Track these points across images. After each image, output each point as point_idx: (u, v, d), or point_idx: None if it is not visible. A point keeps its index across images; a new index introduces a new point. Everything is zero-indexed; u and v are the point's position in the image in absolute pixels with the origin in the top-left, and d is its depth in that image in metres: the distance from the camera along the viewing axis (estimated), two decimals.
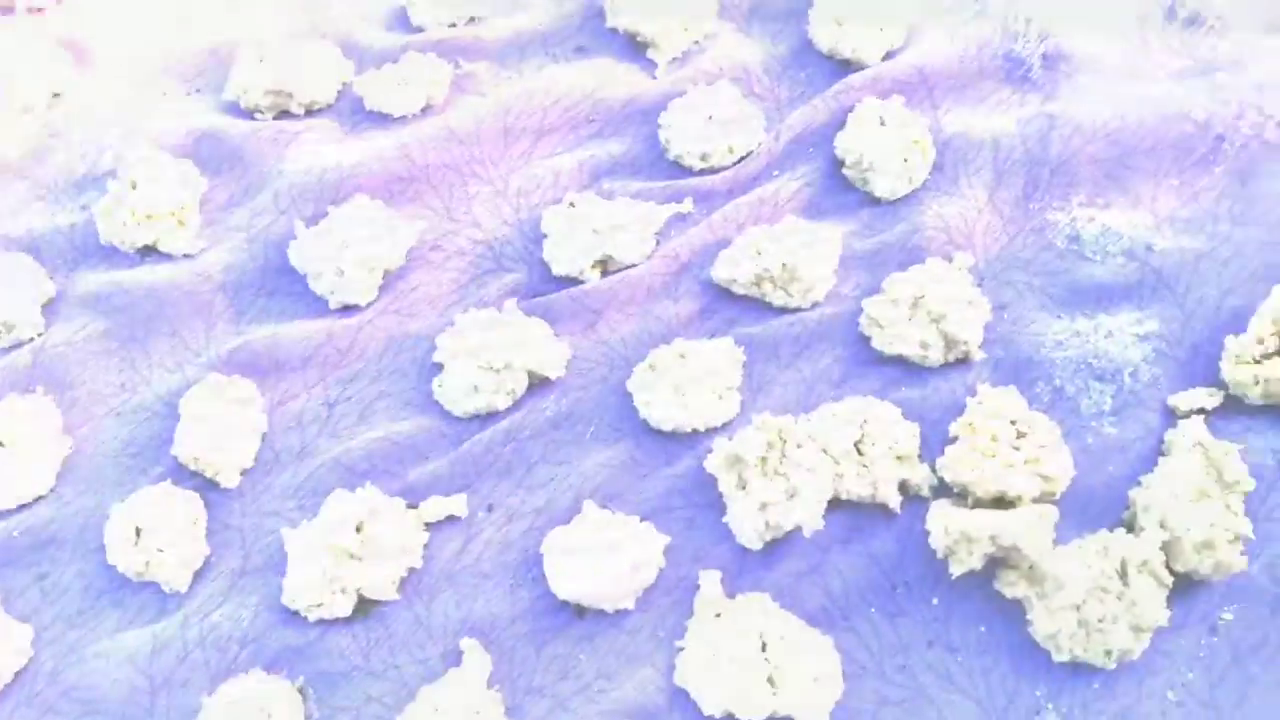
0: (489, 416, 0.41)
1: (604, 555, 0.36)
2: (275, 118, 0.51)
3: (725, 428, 0.39)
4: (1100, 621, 0.32)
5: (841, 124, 0.45)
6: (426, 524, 0.39)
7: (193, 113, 0.51)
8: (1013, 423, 0.35)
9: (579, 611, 0.36)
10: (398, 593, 0.38)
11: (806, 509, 0.36)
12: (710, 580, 0.36)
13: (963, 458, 0.34)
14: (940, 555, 0.33)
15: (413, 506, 0.39)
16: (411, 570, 0.39)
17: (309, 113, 0.51)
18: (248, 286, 0.46)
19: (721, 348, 0.40)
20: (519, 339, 0.40)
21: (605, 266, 0.43)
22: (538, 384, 0.41)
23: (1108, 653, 0.32)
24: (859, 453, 0.37)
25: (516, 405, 0.41)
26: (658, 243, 0.43)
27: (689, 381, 0.39)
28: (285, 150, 0.49)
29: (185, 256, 0.48)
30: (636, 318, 0.41)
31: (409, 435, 0.41)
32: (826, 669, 0.34)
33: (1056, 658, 0.33)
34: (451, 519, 0.39)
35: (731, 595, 0.36)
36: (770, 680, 0.34)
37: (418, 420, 0.41)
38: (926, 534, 0.34)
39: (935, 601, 0.35)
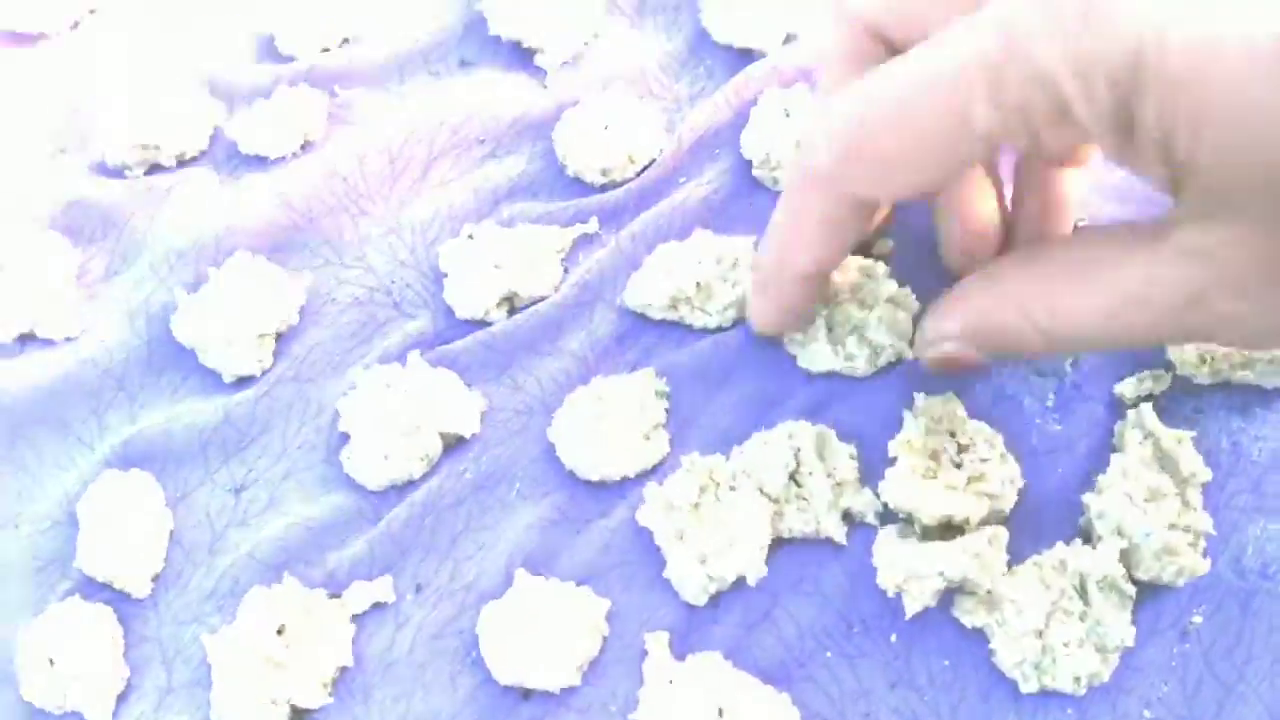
0: (405, 486, 0.38)
1: (542, 630, 0.34)
2: (146, 173, 0.48)
3: (657, 469, 0.37)
4: (1065, 646, 0.31)
5: (746, 120, 0.42)
6: (353, 615, 0.37)
7: (59, 178, 0.48)
8: (952, 435, 0.33)
9: (525, 694, 0.34)
10: (330, 696, 0.36)
11: (748, 556, 0.34)
12: (658, 644, 0.34)
13: (903, 482, 0.33)
14: (891, 594, 0.31)
15: (335, 596, 0.37)
16: (342, 669, 0.36)
17: (181, 163, 0.48)
18: (135, 366, 0.43)
19: (642, 381, 0.38)
20: (428, 397, 0.38)
21: (512, 303, 0.40)
22: (453, 444, 0.38)
23: (1076, 679, 0.31)
24: (796, 484, 0.35)
25: (433, 469, 0.38)
26: (565, 270, 0.41)
27: (612, 425, 0.36)
28: (158, 210, 0.45)
29: (67, 340, 0.44)
30: (550, 357, 0.39)
31: (323, 517, 0.38)
32: None
33: (1024, 688, 0.31)
34: (378, 606, 0.36)
35: (682, 656, 0.34)
36: None
37: (331, 499, 0.39)
38: (872, 567, 0.33)
39: (894, 639, 0.33)
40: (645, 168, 0.43)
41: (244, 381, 0.42)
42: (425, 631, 0.36)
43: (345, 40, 0.50)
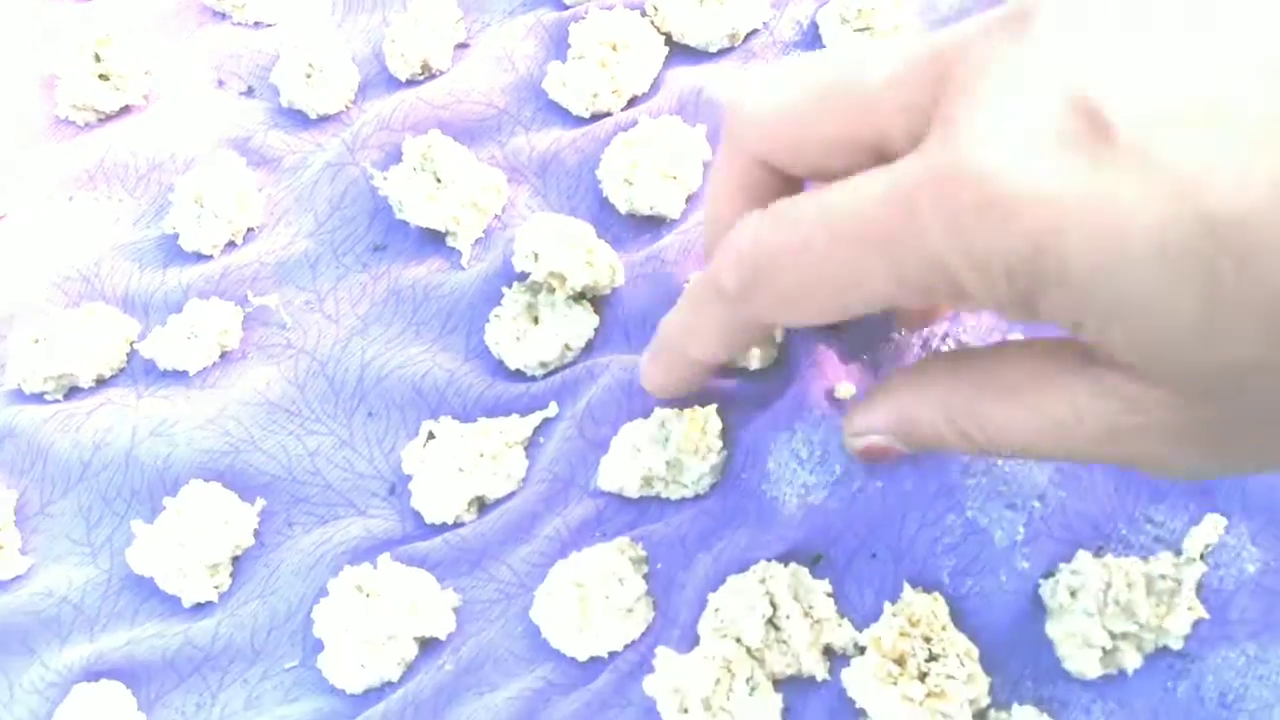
0: (384, 686, 0.40)
1: None
2: (65, 396, 0.48)
3: (644, 637, 0.39)
4: None
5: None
6: None
7: None
8: (927, 640, 0.34)
9: None
10: None
11: None
12: None
13: (864, 680, 0.34)
14: None
15: None
16: None
17: (101, 383, 0.49)
18: (91, 594, 0.44)
19: (618, 552, 0.39)
20: (401, 601, 0.39)
21: (482, 502, 0.42)
22: (429, 643, 0.40)
23: None
24: (775, 627, 0.37)
25: (411, 669, 0.40)
26: (529, 459, 0.42)
27: (595, 604, 0.38)
28: (95, 440, 0.46)
29: (15, 579, 0.45)
30: (525, 544, 0.40)
31: (303, 717, 0.40)
32: None
33: None
34: None
35: None
36: None
37: (311, 701, 0.40)
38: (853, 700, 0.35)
39: None
40: (583, 349, 0.44)
41: (204, 606, 0.43)
42: None
43: (250, 230, 0.51)
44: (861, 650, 0.36)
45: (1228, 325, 0.21)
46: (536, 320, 0.44)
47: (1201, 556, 0.36)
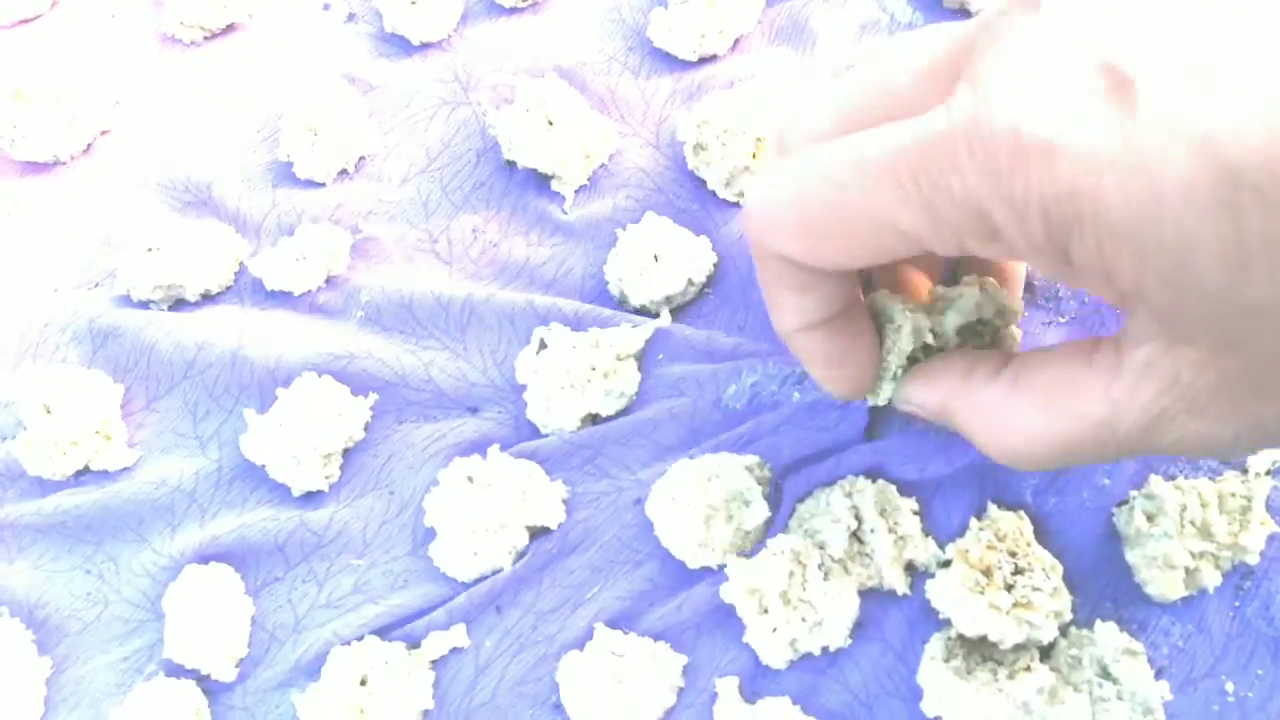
0: (495, 573, 0.42)
1: (622, 682, 0.38)
2: (171, 308, 0.51)
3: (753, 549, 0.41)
4: None
5: None
6: (431, 662, 0.41)
7: (89, 312, 0.51)
8: (1012, 555, 0.36)
9: None
10: None
11: (834, 633, 0.38)
12: (728, 689, 0.38)
13: (950, 590, 0.36)
14: (929, 715, 0.36)
15: (414, 647, 0.41)
16: (425, 712, 0.40)
17: (206, 299, 0.51)
18: (204, 482, 0.46)
19: (749, 469, 0.41)
20: (512, 491, 0.42)
21: (595, 419, 0.44)
22: (539, 533, 0.42)
23: None
24: (859, 540, 0.39)
25: (520, 555, 0.42)
26: (641, 368, 0.44)
27: (719, 522, 0.40)
28: (200, 340, 0.48)
29: (124, 470, 0.47)
30: (641, 445, 0.43)
31: (414, 604, 0.42)
32: None
33: None
34: (457, 652, 0.41)
35: (752, 701, 0.38)
36: None
37: (420, 588, 0.43)
38: (935, 611, 0.37)
39: None
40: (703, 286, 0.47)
41: (314, 496, 0.46)
42: (507, 678, 0.41)
43: (361, 159, 0.53)
44: (946, 565, 0.38)
45: (1257, 265, 0.22)
46: (656, 258, 0.46)
47: (1268, 472, 0.39)
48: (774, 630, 0.38)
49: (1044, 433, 0.29)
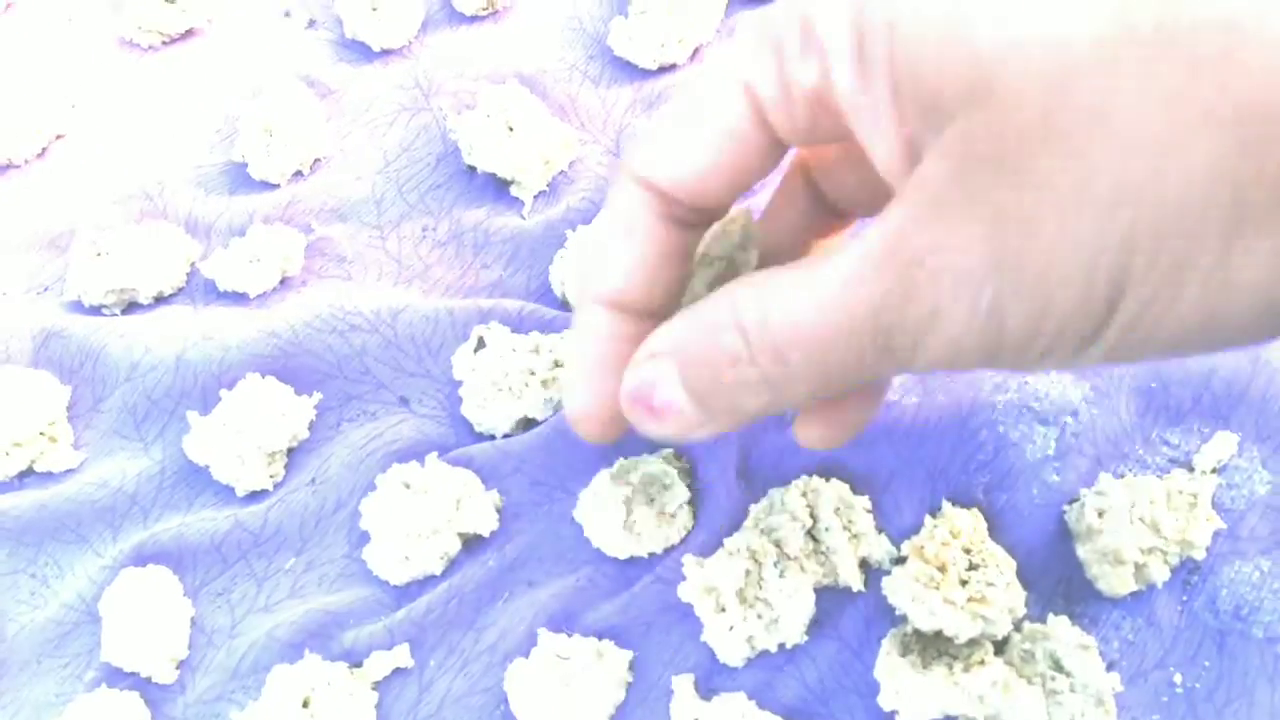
0: (427, 580, 0.42)
1: (569, 684, 0.38)
2: (124, 311, 0.50)
3: (685, 541, 0.41)
4: None
5: None
6: (375, 683, 0.40)
7: (37, 316, 0.50)
8: (967, 552, 0.36)
9: None
10: None
11: (790, 631, 0.38)
12: (684, 686, 0.38)
13: (905, 586, 0.36)
14: (885, 710, 0.36)
15: (356, 666, 0.40)
16: None
17: (159, 300, 0.50)
18: (146, 484, 0.45)
19: (662, 461, 0.41)
20: (446, 499, 0.41)
21: (530, 423, 0.44)
22: (472, 541, 0.42)
23: None
24: (814, 539, 0.39)
25: (455, 564, 0.42)
26: None
27: (639, 507, 0.40)
28: (146, 343, 0.48)
29: (68, 472, 0.46)
30: (571, 452, 0.43)
31: (345, 605, 0.41)
32: None
33: None
34: (400, 672, 0.40)
35: (708, 698, 0.38)
36: None
37: (354, 590, 0.42)
38: (890, 607, 0.37)
39: None
40: None
41: (257, 495, 0.45)
42: (452, 693, 0.40)
43: (317, 160, 0.53)
44: (900, 562, 0.39)
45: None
46: None
47: (1214, 470, 0.39)
48: (731, 628, 0.38)
49: (806, 308, 0.25)
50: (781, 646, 0.38)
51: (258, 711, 0.39)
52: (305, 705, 0.39)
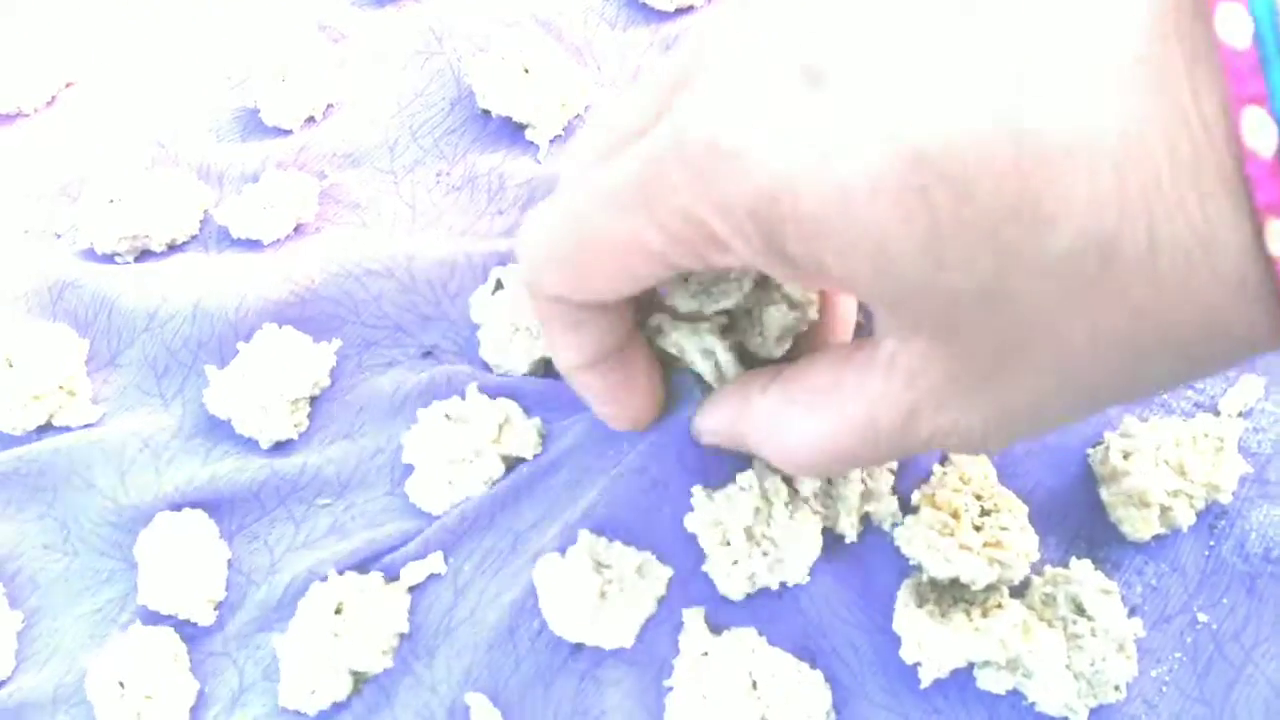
0: (466, 502, 0.42)
1: (605, 589, 0.38)
2: (136, 259, 0.50)
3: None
4: (1093, 666, 0.35)
5: None
6: (409, 588, 0.40)
7: (49, 265, 0.50)
8: (979, 497, 0.36)
9: (576, 646, 0.38)
10: (390, 661, 0.39)
11: (794, 571, 0.38)
12: (695, 619, 0.38)
13: (918, 534, 0.36)
14: (908, 662, 0.36)
15: (393, 579, 0.41)
16: (401, 636, 0.40)
17: (172, 248, 0.50)
18: (167, 437, 0.45)
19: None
20: (488, 424, 0.41)
21: (550, 365, 0.44)
22: (515, 464, 0.42)
23: (1117, 688, 0.35)
24: (827, 482, 0.39)
25: (494, 485, 0.42)
26: None
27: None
28: (162, 292, 0.47)
29: (86, 427, 0.46)
30: None
31: (387, 536, 0.41)
32: (817, 703, 0.36)
33: (1074, 719, 0.35)
34: (435, 578, 0.40)
35: (718, 631, 0.38)
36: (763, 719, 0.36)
37: (396, 524, 0.42)
38: (896, 551, 0.37)
39: None
40: None
41: (283, 445, 0.45)
42: (486, 594, 0.40)
43: (330, 106, 0.53)
44: (914, 511, 0.38)
45: (951, 251, 0.23)
46: None
47: (1240, 414, 0.39)
48: (734, 563, 0.38)
49: (816, 436, 0.30)
50: (783, 585, 0.38)
51: (294, 626, 0.40)
52: (338, 611, 0.39)
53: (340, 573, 0.41)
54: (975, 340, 0.25)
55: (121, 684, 0.40)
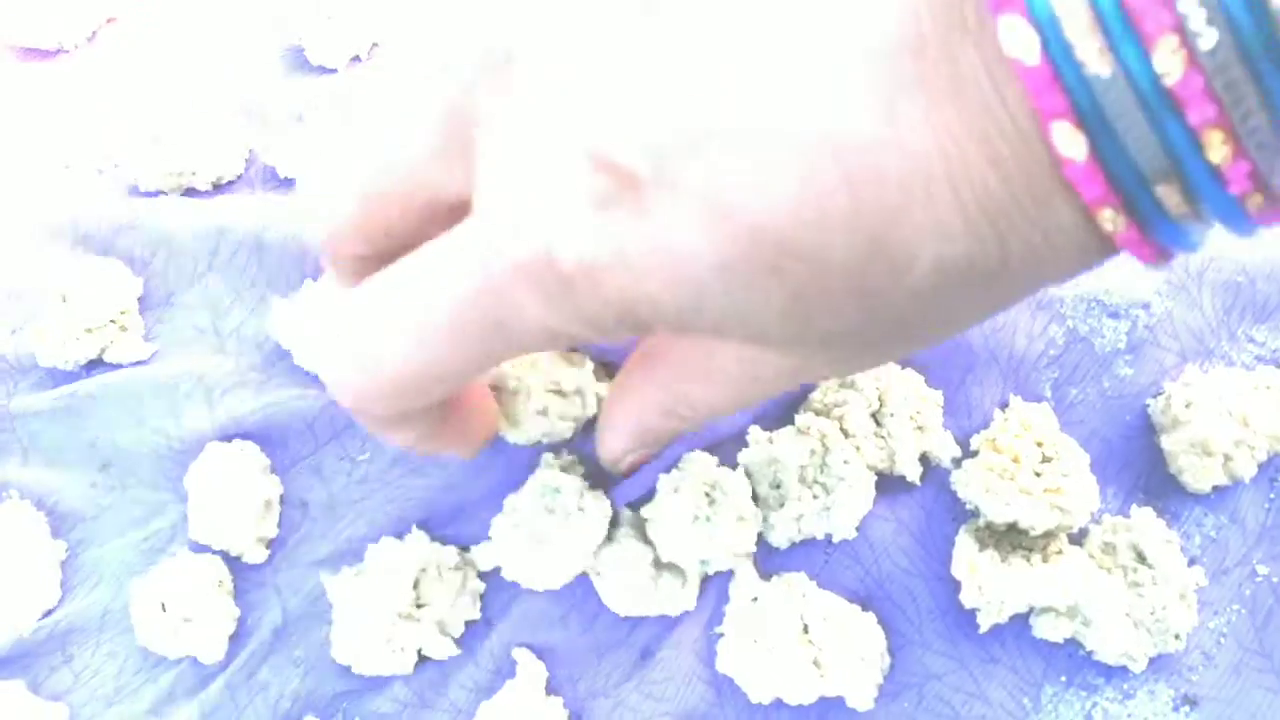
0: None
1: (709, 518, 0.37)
2: (183, 195, 0.49)
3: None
4: (1154, 615, 0.35)
5: None
6: (481, 573, 0.40)
7: (100, 201, 0.49)
8: (1039, 445, 0.36)
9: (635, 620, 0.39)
10: (458, 649, 0.40)
11: (842, 522, 0.38)
12: (744, 565, 0.38)
13: (977, 477, 0.36)
14: (968, 606, 0.35)
15: (465, 550, 0.41)
16: (469, 623, 0.40)
17: (217, 188, 0.49)
18: (225, 373, 0.45)
19: None
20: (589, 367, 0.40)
21: None
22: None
23: (1177, 636, 0.34)
24: (877, 423, 0.39)
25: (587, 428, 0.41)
26: None
27: None
28: (220, 228, 0.47)
29: (136, 364, 0.46)
30: None
31: (460, 481, 0.41)
32: (871, 646, 0.36)
33: (1135, 669, 0.36)
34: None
35: (767, 577, 0.38)
36: (816, 663, 0.36)
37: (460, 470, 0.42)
38: (953, 495, 0.37)
39: None
40: None
41: None
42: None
43: (374, 45, 0.52)
44: (968, 457, 0.38)
45: (815, 311, 0.23)
46: None
47: None
48: (782, 506, 0.38)
49: (710, 398, 0.30)
50: (829, 537, 0.38)
51: (358, 582, 0.39)
52: (414, 587, 0.39)
53: (406, 522, 0.40)
54: (848, 349, 0.26)
55: (163, 606, 0.41)
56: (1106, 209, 0.21)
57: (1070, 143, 0.20)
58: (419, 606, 0.39)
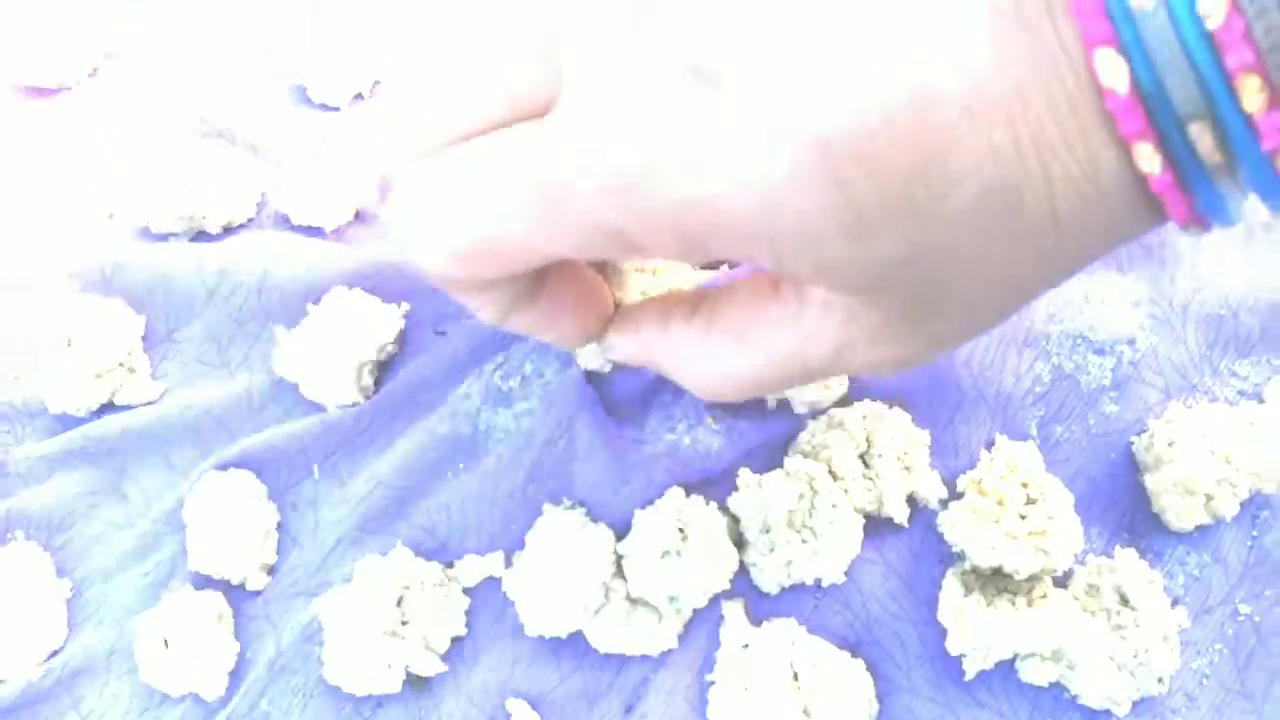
0: None
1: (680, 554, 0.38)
2: (191, 240, 0.50)
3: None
4: (1136, 658, 0.35)
5: None
6: (465, 589, 0.41)
7: (105, 244, 0.50)
8: (1024, 486, 0.36)
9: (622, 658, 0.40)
10: (444, 664, 0.40)
11: (830, 566, 0.38)
12: (735, 611, 0.39)
13: (963, 520, 0.36)
14: (954, 653, 0.36)
15: (449, 566, 0.42)
16: (455, 639, 0.41)
17: (228, 231, 0.50)
18: (234, 405, 0.46)
19: None
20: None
21: None
22: None
23: (1160, 680, 0.35)
24: (865, 464, 0.39)
25: None
26: None
27: None
28: (221, 266, 0.48)
29: (148, 404, 0.47)
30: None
31: (447, 501, 0.42)
32: (860, 693, 0.37)
33: (1119, 713, 0.36)
34: (492, 579, 0.41)
35: (758, 623, 0.38)
36: (806, 711, 0.36)
37: (461, 480, 0.42)
38: (939, 537, 0.38)
39: None
40: None
41: (349, 408, 0.45)
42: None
43: (376, 83, 0.52)
44: (950, 499, 0.39)
45: (877, 226, 0.23)
46: None
47: None
48: (771, 550, 0.39)
49: (741, 368, 0.30)
50: (818, 582, 0.39)
51: (345, 600, 0.40)
52: (398, 604, 0.40)
53: (387, 530, 0.41)
54: (903, 293, 0.26)
55: (166, 642, 0.41)
56: (1144, 143, 0.22)
57: (1112, 71, 0.21)
58: (404, 624, 0.40)
